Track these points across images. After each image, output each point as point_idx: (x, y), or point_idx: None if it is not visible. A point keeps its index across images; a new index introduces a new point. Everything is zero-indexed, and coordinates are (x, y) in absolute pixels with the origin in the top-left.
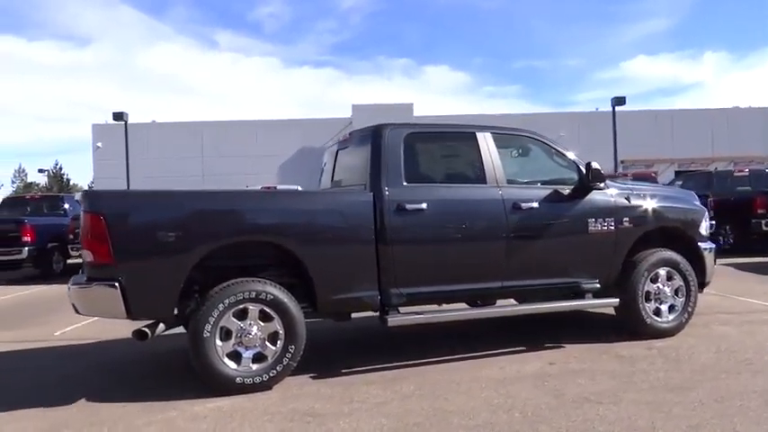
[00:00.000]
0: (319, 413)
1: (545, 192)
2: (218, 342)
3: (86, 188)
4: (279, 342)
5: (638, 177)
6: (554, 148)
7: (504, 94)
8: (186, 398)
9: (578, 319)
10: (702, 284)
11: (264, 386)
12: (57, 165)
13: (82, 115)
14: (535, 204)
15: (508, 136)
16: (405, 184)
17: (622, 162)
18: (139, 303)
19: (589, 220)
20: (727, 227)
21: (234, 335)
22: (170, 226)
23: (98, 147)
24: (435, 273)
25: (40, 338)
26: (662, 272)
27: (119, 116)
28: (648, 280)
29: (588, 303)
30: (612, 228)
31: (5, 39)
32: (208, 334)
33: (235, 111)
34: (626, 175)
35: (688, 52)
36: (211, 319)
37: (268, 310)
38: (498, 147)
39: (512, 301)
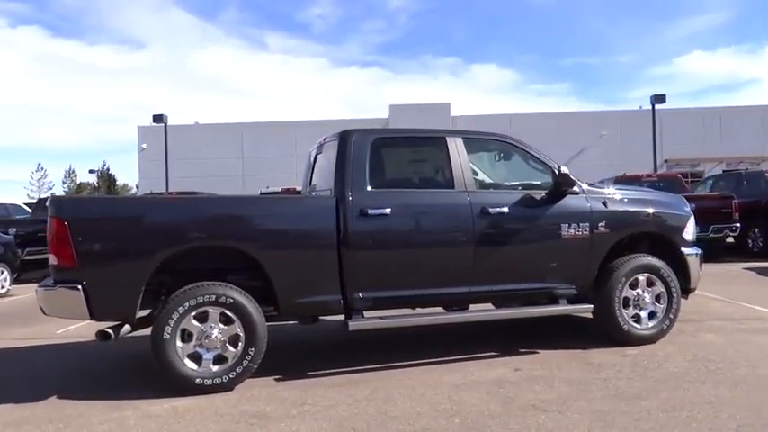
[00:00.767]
0: (267, 415)
1: (516, 196)
2: (179, 343)
3: (134, 188)
4: (239, 344)
5: (663, 179)
6: (530, 153)
7: (552, 92)
8: (150, 397)
9: (563, 325)
10: (687, 291)
11: (225, 387)
12: (104, 165)
13: (134, 117)
14: (505, 209)
15: (481, 141)
16: (369, 189)
17: (666, 161)
18: (102, 305)
19: (562, 224)
20: (756, 230)
21: (195, 337)
22: (130, 231)
23: (143, 148)
24: (400, 277)
25: (43, 336)
26: (641, 278)
27: (158, 118)
28: (627, 286)
29: (561, 309)
30: (587, 233)
31: (67, 43)
32: (168, 335)
33: (284, 111)
34: (649, 176)
35: (747, 46)
36: (171, 322)
37: (228, 313)
38: (470, 152)
39: (489, 305)
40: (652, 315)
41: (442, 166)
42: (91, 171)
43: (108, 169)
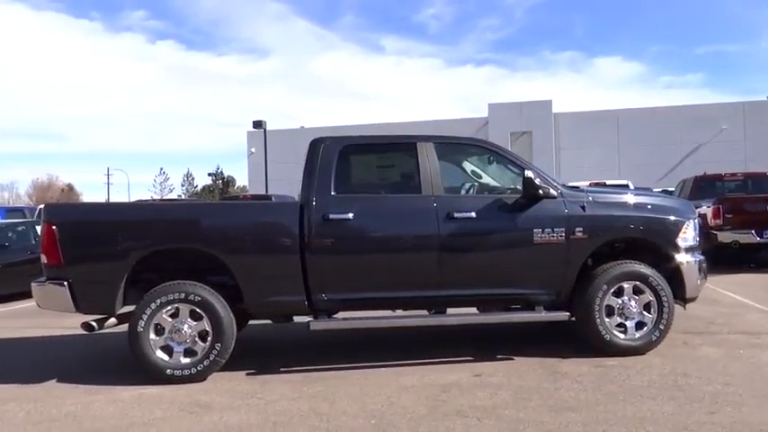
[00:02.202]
0: (211, 405)
1: (486, 201)
2: (153, 336)
3: (246, 190)
4: (208, 339)
5: (752, 177)
6: (505, 157)
7: (684, 83)
8: (128, 384)
9: (559, 332)
10: (684, 300)
11: (194, 378)
12: (218, 169)
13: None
14: (472, 214)
15: (454, 145)
16: (333, 194)
17: None
18: (84, 300)
19: (534, 229)
20: None
21: (167, 330)
22: (108, 235)
23: (252, 152)
24: (362, 280)
25: None
26: (626, 285)
27: (258, 124)
28: (610, 294)
29: (534, 316)
30: (562, 238)
31: (199, 55)
32: (141, 329)
33: (398, 113)
34: (734, 175)
35: None
36: (144, 316)
37: (198, 310)
38: (441, 157)
39: (471, 309)
40: (640, 325)
41: (411, 171)
42: (209, 174)
43: (222, 172)
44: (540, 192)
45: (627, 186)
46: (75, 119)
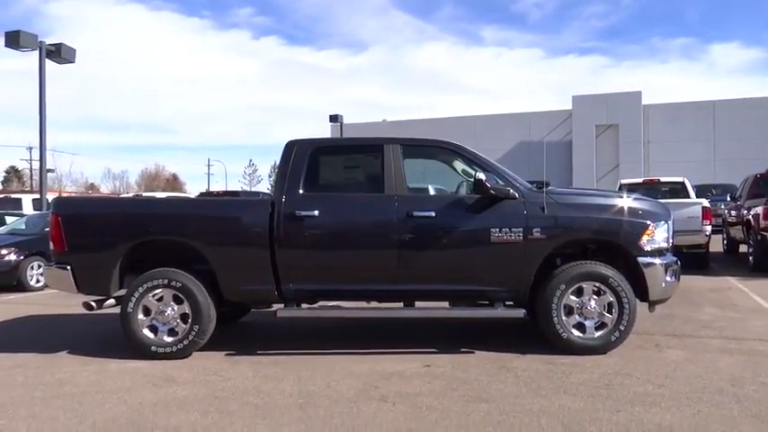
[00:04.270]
0: (175, 380)
1: (447, 201)
2: (141, 317)
3: None
4: (188, 321)
5: None
6: (472, 159)
7: None
8: (121, 358)
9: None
10: (649, 302)
11: (175, 355)
12: None
13: (355, 114)
14: (432, 213)
15: (421, 147)
16: (301, 193)
17: None
18: (84, 282)
19: (492, 229)
20: None
21: (153, 312)
22: (103, 226)
23: None
24: (326, 273)
25: None
26: (586, 286)
27: (334, 118)
28: (568, 293)
29: (490, 313)
30: (520, 238)
31: (301, 50)
32: (130, 310)
33: (497, 104)
34: None
35: None
36: (133, 299)
37: (179, 294)
38: (407, 157)
39: (443, 303)
40: (601, 325)
41: (376, 172)
42: None
43: None
44: (493, 192)
45: (682, 184)
46: (183, 112)
